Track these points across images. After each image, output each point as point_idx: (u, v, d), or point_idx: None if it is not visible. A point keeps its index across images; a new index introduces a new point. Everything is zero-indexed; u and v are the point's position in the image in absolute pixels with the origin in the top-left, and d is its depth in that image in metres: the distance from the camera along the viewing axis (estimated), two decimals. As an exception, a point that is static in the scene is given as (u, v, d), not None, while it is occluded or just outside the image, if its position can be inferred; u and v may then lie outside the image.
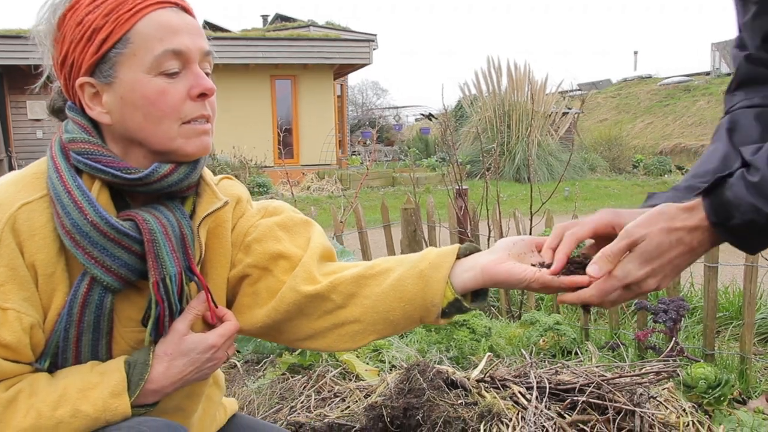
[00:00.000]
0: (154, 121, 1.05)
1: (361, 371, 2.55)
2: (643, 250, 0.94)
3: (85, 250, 1.03)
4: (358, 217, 3.96)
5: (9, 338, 0.99)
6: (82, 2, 1.05)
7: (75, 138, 1.07)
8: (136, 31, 1.03)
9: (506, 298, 3.71)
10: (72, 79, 1.07)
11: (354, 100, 27.90)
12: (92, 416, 1.02)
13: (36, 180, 1.07)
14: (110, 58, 1.03)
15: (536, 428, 1.84)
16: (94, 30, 1.03)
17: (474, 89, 16.27)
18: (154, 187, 1.08)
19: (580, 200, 11.61)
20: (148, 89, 1.04)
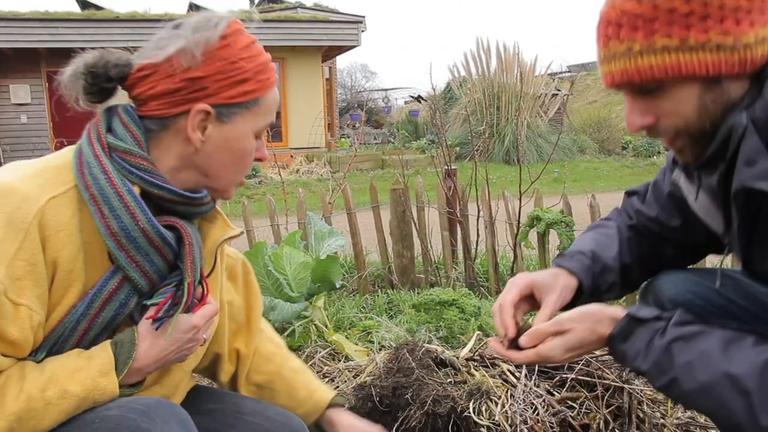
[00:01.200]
0: (235, 170, 1.20)
1: (350, 352, 2.54)
2: (568, 340, 1.20)
3: (129, 254, 1.08)
4: (347, 199, 3.94)
5: (17, 335, 1.00)
6: (236, 42, 1.13)
7: (130, 150, 1.11)
8: (265, 99, 1.18)
9: (495, 277, 3.71)
10: (193, 98, 1.11)
11: (343, 82, 27.70)
12: (80, 396, 1.03)
13: (59, 173, 1.09)
14: (240, 107, 1.14)
15: (525, 405, 1.84)
16: (244, 79, 1.13)
17: (463, 71, 16.19)
18: (194, 208, 1.19)
19: (569, 181, 11.63)
20: (248, 146, 1.18)
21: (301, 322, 2.78)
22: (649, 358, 1.12)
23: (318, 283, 2.86)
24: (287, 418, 1.44)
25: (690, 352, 1.08)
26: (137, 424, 1.01)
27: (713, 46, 1.02)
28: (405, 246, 3.94)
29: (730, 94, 1.07)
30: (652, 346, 1.12)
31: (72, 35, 13.93)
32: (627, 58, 1.07)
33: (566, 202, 3.37)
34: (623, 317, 1.18)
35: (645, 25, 1.04)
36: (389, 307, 3.43)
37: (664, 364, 1.11)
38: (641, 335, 1.15)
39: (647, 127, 1.13)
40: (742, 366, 1.02)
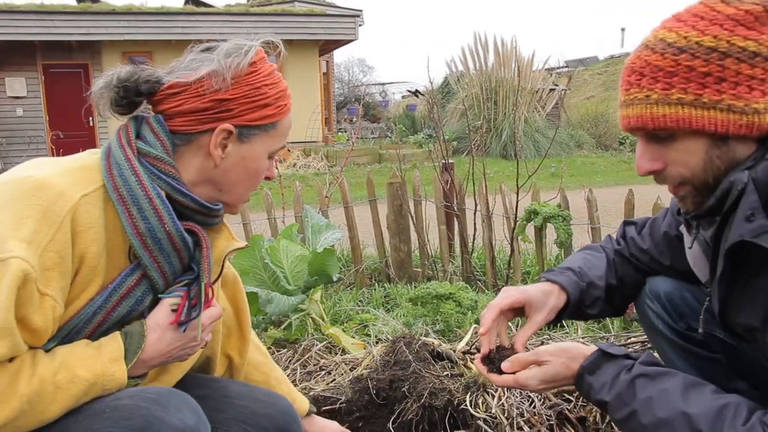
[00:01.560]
0: (246, 186, 1.28)
1: (347, 345, 2.54)
2: (544, 372, 1.29)
3: (152, 254, 1.15)
4: (344, 192, 3.93)
5: (39, 324, 1.02)
6: (261, 69, 1.22)
7: (161, 158, 1.18)
8: (282, 124, 1.26)
9: (492, 271, 3.71)
10: (218, 117, 1.19)
11: (340, 77, 27.64)
12: (90, 381, 1.05)
13: (88, 173, 1.14)
14: (259, 129, 1.23)
15: (522, 398, 1.84)
16: (266, 104, 1.22)
17: (461, 66, 16.16)
18: (209, 219, 1.26)
19: (566, 176, 11.62)
20: (261, 165, 1.26)
21: (298, 315, 2.77)
22: (613, 390, 1.20)
23: (315, 276, 2.85)
24: (274, 398, 1.48)
25: (651, 389, 1.16)
26: (151, 412, 1.02)
27: (725, 106, 1.11)
28: (402, 240, 3.94)
29: (735, 153, 1.15)
30: (618, 380, 1.20)
31: (68, 28, 13.88)
32: (644, 105, 1.16)
33: (563, 196, 3.37)
34: (595, 351, 1.27)
35: (665, 78, 1.14)
36: (386, 301, 3.43)
37: (626, 398, 1.18)
38: (609, 369, 1.23)
39: (655, 172, 1.21)
40: (699, 407, 1.11)
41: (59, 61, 14.70)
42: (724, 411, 1.09)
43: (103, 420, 1.03)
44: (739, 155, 1.15)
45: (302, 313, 2.80)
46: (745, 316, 1.18)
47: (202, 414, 1.11)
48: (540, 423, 1.78)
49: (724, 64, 1.10)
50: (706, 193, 1.18)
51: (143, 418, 1.02)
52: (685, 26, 1.14)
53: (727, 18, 1.11)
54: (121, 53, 14.94)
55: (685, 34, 1.13)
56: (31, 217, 1.02)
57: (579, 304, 1.50)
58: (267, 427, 1.41)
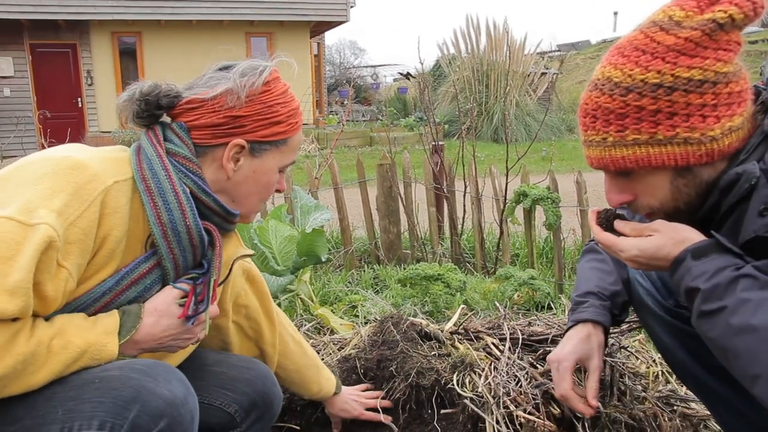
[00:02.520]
0: (258, 199, 1.35)
1: (335, 325, 2.55)
2: (648, 242, 1.22)
3: (170, 245, 1.21)
4: (333, 174, 3.92)
5: (51, 293, 1.05)
6: (275, 89, 1.31)
7: (189, 158, 1.24)
8: (292, 140, 1.34)
9: (481, 253, 3.72)
10: (232, 132, 1.26)
11: (331, 59, 27.44)
12: (81, 348, 1.07)
13: (121, 164, 1.20)
14: (270, 144, 1.29)
15: (508, 378, 1.85)
16: (277, 121, 1.29)
17: (452, 48, 16.08)
18: (226, 224, 1.33)
19: (557, 160, 11.64)
20: (272, 179, 1.34)
21: (287, 296, 2.77)
22: (712, 280, 1.11)
23: (304, 257, 2.85)
24: (251, 363, 1.53)
25: (754, 293, 1.07)
26: (141, 383, 1.04)
27: (680, 140, 1.12)
28: (391, 221, 3.94)
29: (702, 177, 1.17)
30: (722, 273, 1.10)
31: (55, 7, 13.66)
32: (602, 148, 1.18)
33: (552, 178, 3.37)
34: (710, 239, 1.17)
35: (617, 120, 1.16)
36: (375, 282, 3.44)
37: (723, 292, 1.09)
38: (717, 260, 1.13)
39: (625, 203, 1.24)
40: None
41: (47, 41, 14.50)
42: None
43: (92, 390, 1.04)
44: (707, 178, 1.16)
45: (291, 294, 2.80)
46: None
47: (190, 386, 1.13)
48: (526, 402, 1.79)
49: (672, 99, 1.10)
50: (679, 217, 1.20)
51: (133, 388, 1.03)
52: (629, 63, 1.14)
53: (667, 50, 1.11)
54: (110, 33, 14.75)
55: (630, 72, 1.14)
56: (65, 192, 1.07)
57: (613, 321, 1.54)
58: (247, 391, 1.45)
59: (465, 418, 1.84)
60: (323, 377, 1.78)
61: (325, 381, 1.78)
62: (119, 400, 1.02)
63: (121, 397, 1.02)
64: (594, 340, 1.48)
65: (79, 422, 1.00)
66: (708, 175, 1.16)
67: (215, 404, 1.43)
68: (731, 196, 1.14)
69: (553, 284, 3.19)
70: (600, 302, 1.51)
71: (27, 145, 11.38)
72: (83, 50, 14.70)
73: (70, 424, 1.00)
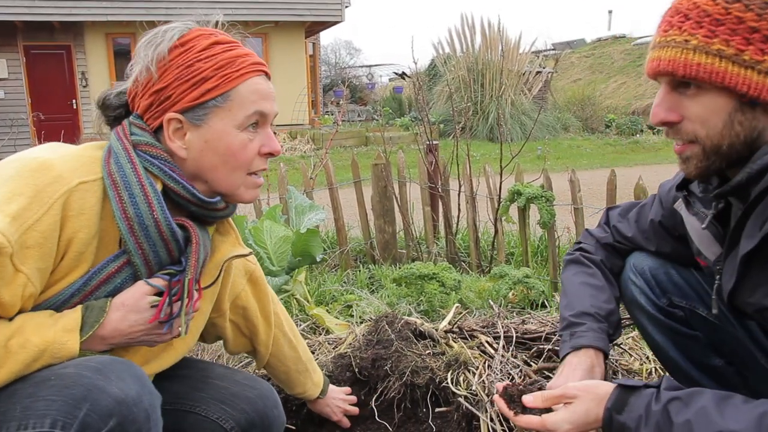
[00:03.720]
0: (229, 169, 1.21)
1: (330, 325, 2.55)
2: (574, 411, 1.21)
3: (138, 240, 1.15)
4: (328, 174, 3.92)
5: (7, 299, 1.03)
6: (194, 45, 1.18)
7: (152, 143, 1.18)
8: (237, 91, 1.19)
9: (476, 252, 3.73)
10: (162, 108, 1.19)
11: (327, 59, 27.44)
12: (39, 347, 1.05)
13: (92, 163, 1.15)
14: (208, 106, 1.18)
15: (502, 375, 1.86)
16: (202, 78, 1.17)
17: (447, 48, 16.09)
18: (207, 212, 1.24)
19: (552, 159, 11.67)
20: (234, 141, 1.20)
21: (282, 296, 2.78)
22: (650, 422, 1.11)
23: (299, 257, 2.85)
24: (255, 382, 1.50)
25: (688, 412, 1.08)
26: (92, 381, 1.01)
27: (764, 68, 1.05)
28: (387, 221, 3.94)
29: (758, 123, 1.09)
30: (651, 411, 1.12)
31: (49, 8, 13.62)
32: (680, 49, 1.09)
33: (546, 177, 3.38)
34: (614, 389, 1.19)
35: (710, 25, 1.07)
36: (371, 282, 3.44)
37: (665, 427, 1.10)
38: (637, 403, 1.15)
39: (669, 122, 1.14)
40: (740, 423, 1.03)
41: (41, 42, 14.46)
42: (764, 420, 1.02)
43: (47, 387, 1.02)
44: (761, 126, 1.09)
45: (286, 294, 2.80)
46: (761, 296, 1.15)
47: (149, 384, 1.09)
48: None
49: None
50: (713, 159, 1.13)
51: (83, 386, 1.01)
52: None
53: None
54: (104, 34, 14.72)
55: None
56: (24, 195, 1.04)
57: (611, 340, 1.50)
58: (247, 409, 1.42)
59: (459, 416, 1.85)
60: (310, 382, 1.78)
61: (311, 385, 1.78)
62: (70, 399, 1.00)
63: (72, 395, 1.00)
64: (598, 372, 1.42)
65: (33, 420, 0.99)
66: (763, 123, 1.09)
67: (212, 417, 1.40)
68: (765, 180, 1.09)
69: (547, 282, 3.20)
70: (598, 325, 1.47)
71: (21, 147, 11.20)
72: (77, 52, 14.66)
73: (26, 421, 0.99)
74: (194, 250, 1.21)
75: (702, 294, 1.49)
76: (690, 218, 1.36)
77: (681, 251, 1.49)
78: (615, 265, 1.60)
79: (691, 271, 1.50)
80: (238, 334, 1.61)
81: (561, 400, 1.25)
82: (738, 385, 1.47)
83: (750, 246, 1.12)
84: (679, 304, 1.50)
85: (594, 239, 1.65)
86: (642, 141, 14.83)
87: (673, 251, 1.51)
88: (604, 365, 1.45)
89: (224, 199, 1.26)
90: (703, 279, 1.48)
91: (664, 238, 1.52)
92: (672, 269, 1.52)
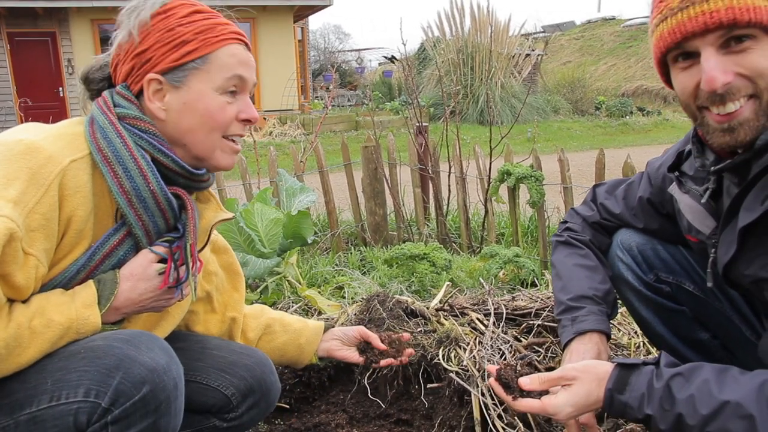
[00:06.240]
0: (206, 130, 1.23)
1: (323, 306, 2.56)
2: (575, 393, 1.19)
3: (137, 212, 1.18)
4: (319, 157, 3.92)
5: (22, 282, 1.06)
6: (176, 12, 1.22)
7: (140, 117, 1.21)
8: (216, 55, 1.22)
9: (467, 233, 3.75)
10: (143, 71, 1.21)
11: (316, 44, 27.26)
12: (64, 325, 1.09)
13: (76, 139, 1.17)
14: (187, 68, 1.20)
15: (492, 351, 1.89)
16: (183, 41, 1.20)
17: (437, 31, 16.02)
18: (194, 183, 1.27)
19: (542, 141, 11.70)
20: (213, 103, 1.22)
21: (274, 279, 2.79)
22: (653, 400, 1.12)
23: (290, 239, 2.86)
24: (250, 350, 1.53)
25: (690, 387, 1.09)
26: (124, 351, 1.06)
27: None
28: (377, 203, 3.95)
29: None
30: (653, 389, 1.12)
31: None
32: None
33: (536, 157, 3.40)
34: (614, 369, 1.18)
35: None
36: (362, 264, 3.45)
37: (668, 404, 1.10)
38: (638, 382, 1.14)
39: (728, 84, 1.07)
40: (740, 392, 1.04)
41: (25, 29, 14.28)
42: (764, 388, 1.03)
43: (78, 360, 1.06)
44: None
45: (278, 276, 2.81)
46: (757, 268, 1.16)
47: (175, 356, 1.14)
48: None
49: None
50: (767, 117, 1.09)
51: (115, 356, 1.05)
52: None
53: None
54: (90, 21, 14.55)
55: None
56: (20, 179, 1.05)
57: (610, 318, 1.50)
58: (245, 376, 1.45)
59: (451, 391, 1.87)
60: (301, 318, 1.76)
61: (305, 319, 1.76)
62: (103, 369, 1.04)
63: (104, 365, 1.04)
64: (604, 357, 1.41)
65: (66, 391, 1.03)
66: None
67: (213, 385, 1.43)
68: None
69: (538, 261, 3.23)
70: (597, 307, 1.47)
71: (9, 135, 11.21)
72: (63, 38, 14.49)
73: (59, 393, 1.03)
74: (190, 216, 1.26)
75: (689, 270, 1.50)
76: (682, 196, 1.37)
77: (668, 228, 1.50)
78: (603, 243, 1.61)
79: (678, 247, 1.52)
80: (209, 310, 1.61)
81: (559, 382, 1.23)
82: (723, 357, 1.50)
83: (750, 219, 1.13)
84: (665, 279, 1.51)
85: (580, 218, 1.65)
86: (631, 123, 14.87)
87: (660, 228, 1.53)
88: (607, 347, 1.45)
89: (201, 164, 1.28)
90: (691, 256, 1.50)
91: (652, 216, 1.53)
92: (659, 245, 1.53)
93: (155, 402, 1.06)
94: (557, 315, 1.53)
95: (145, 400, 1.05)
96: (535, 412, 1.27)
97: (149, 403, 1.05)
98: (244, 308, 1.67)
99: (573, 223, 1.66)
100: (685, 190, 1.35)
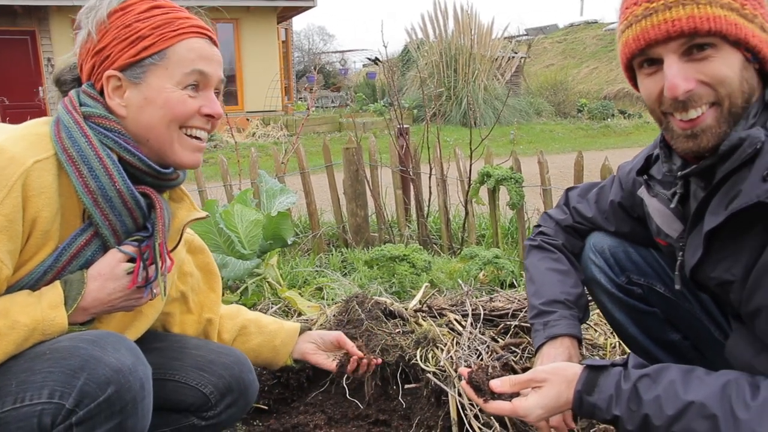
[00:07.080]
0: (166, 123, 1.21)
1: (303, 307, 2.56)
2: (545, 395, 1.21)
3: (103, 212, 1.17)
4: (300, 158, 3.92)
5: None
6: (134, 9, 1.21)
7: (105, 115, 1.20)
8: (174, 50, 1.21)
9: (448, 234, 3.77)
10: (102, 68, 1.21)
11: (300, 45, 27.23)
12: (29, 326, 1.08)
13: (41, 140, 1.16)
14: (145, 63, 1.20)
15: (470, 351, 1.90)
16: (139, 37, 1.19)
17: (420, 33, 16.07)
18: (162, 182, 1.26)
19: (524, 143, 11.77)
20: (172, 96, 1.21)
21: (254, 280, 2.78)
22: (620, 401, 1.14)
23: (270, 240, 2.86)
24: (229, 350, 1.54)
25: (657, 388, 1.11)
26: (89, 352, 1.06)
27: (758, 24, 1.09)
28: (359, 205, 3.96)
29: (753, 82, 1.12)
30: (621, 390, 1.14)
31: (12, -7, 13.27)
32: (695, 5, 1.07)
33: (516, 159, 3.42)
34: (583, 370, 1.20)
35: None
36: (343, 266, 3.46)
37: (634, 404, 1.12)
38: (606, 383, 1.16)
39: (690, 91, 1.09)
40: (704, 393, 1.06)
41: (3, 27, 14.09)
42: (727, 389, 1.05)
43: (43, 361, 1.06)
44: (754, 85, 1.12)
45: (258, 278, 2.81)
46: (722, 270, 1.18)
47: (142, 356, 1.14)
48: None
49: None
50: (729, 123, 1.11)
51: (80, 357, 1.05)
52: None
53: None
54: (70, 19, 14.31)
55: None
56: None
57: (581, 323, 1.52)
58: (223, 374, 1.46)
59: (429, 392, 1.89)
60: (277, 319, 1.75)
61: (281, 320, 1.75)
62: (67, 369, 1.03)
63: (69, 366, 1.04)
64: (574, 358, 1.43)
65: (30, 393, 1.03)
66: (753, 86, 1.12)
67: (191, 384, 1.43)
68: (732, 160, 1.11)
69: (517, 263, 3.25)
70: (569, 311, 1.49)
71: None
72: (43, 37, 14.32)
73: (23, 395, 1.03)
74: (159, 215, 1.24)
75: (660, 272, 1.53)
76: (651, 200, 1.39)
77: (639, 231, 1.53)
78: (575, 246, 1.64)
79: (649, 250, 1.54)
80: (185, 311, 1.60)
81: (529, 384, 1.25)
82: (694, 358, 1.52)
83: (714, 223, 1.14)
84: (637, 281, 1.54)
85: (554, 222, 1.67)
86: (613, 125, 15.01)
87: (631, 231, 1.55)
88: (576, 345, 1.47)
89: (164, 160, 1.26)
90: (662, 258, 1.52)
91: (623, 219, 1.56)
92: (631, 248, 1.55)
93: (121, 403, 1.06)
94: (530, 319, 1.55)
95: (110, 401, 1.05)
96: (505, 414, 1.29)
97: (114, 403, 1.05)
98: (221, 309, 1.67)
99: (546, 227, 1.68)
100: (654, 194, 1.37)
